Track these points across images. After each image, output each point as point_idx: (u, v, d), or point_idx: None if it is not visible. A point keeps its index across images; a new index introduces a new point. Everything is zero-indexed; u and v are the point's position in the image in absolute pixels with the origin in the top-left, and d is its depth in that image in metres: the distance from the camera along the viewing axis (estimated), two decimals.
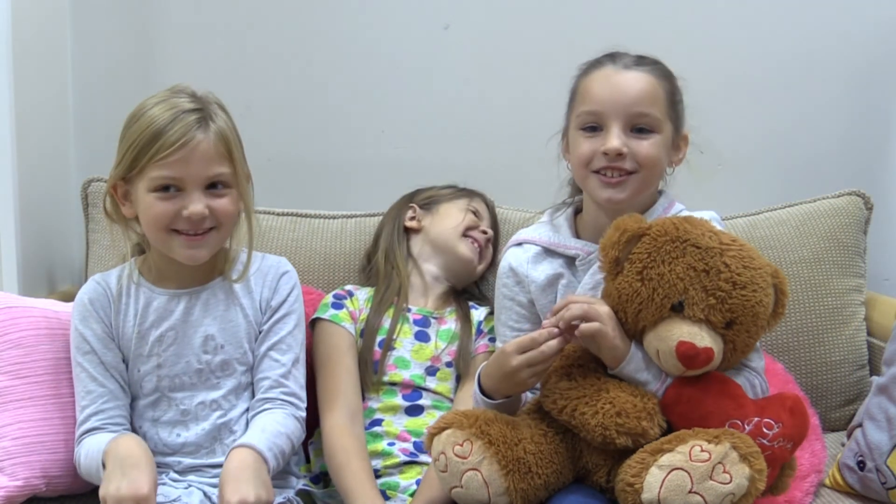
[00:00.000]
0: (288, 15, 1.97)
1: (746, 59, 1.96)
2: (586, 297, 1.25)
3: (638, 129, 1.29)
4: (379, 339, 1.50)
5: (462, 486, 1.17)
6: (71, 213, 1.92)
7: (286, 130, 1.97)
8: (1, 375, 1.38)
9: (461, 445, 1.17)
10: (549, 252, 1.38)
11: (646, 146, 1.28)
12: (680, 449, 1.10)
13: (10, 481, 1.34)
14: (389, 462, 1.42)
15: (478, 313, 1.58)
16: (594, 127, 1.30)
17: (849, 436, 1.52)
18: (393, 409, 1.46)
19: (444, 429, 1.20)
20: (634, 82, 1.29)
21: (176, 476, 1.34)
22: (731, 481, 1.07)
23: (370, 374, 1.47)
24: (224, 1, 1.97)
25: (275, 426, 1.30)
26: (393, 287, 1.57)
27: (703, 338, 1.15)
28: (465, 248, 1.61)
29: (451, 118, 1.99)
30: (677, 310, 1.17)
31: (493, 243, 1.70)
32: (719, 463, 1.08)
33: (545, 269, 1.37)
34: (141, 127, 1.26)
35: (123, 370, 1.36)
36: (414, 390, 1.48)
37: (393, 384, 1.48)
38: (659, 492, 1.09)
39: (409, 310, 1.55)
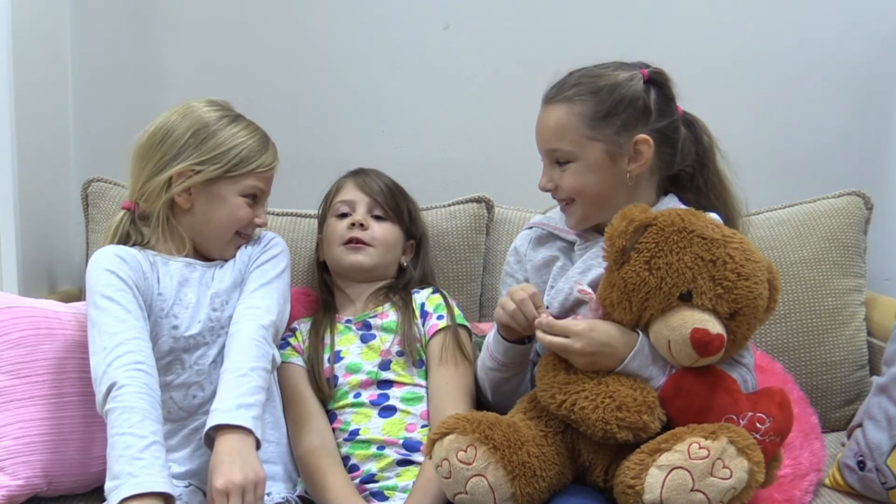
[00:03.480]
0: (288, 15, 1.97)
1: (746, 59, 1.96)
2: (563, 324, 1.23)
3: (558, 161, 1.34)
4: (326, 356, 1.51)
5: (467, 493, 1.16)
6: (71, 213, 1.92)
7: (286, 130, 1.96)
8: (2, 375, 1.38)
9: (465, 451, 1.16)
10: (552, 236, 1.44)
11: (565, 178, 1.33)
12: (678, 447, 1.10)
13: (11, 480, 1.34)
14: (384, 464, 1.41)
15: (419, 296, 1.57)
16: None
17: (849, 436, 1.52)
18: (365, 416, 1.45)
19: (445, 434, 1.18)
20: (546, 120, 1.35)
21: (177, 470, 1.35)
22: (731, 476, 1.08)
23: (326, 390, 1.48)
24: (224, 1, 1.97)
25: (244, 363, 1.28)
26: (323, 311, 1.59)
27: (714, 325, 1.16)
28: (346, 258, 1.57)
29: (451, 118, 1.99)
30: (685, 299, 1.17)
31: (394, 204, 1.62)
32: (718, 459, 1.08)
33: (543, 252, 1.43)
34: (246, 134, 1.42)
35: (147, 317, 1.35)
36: (379, 392, 1.47)
37: (354, 390, 1.48)
38: (661, 492, 1.09)
39: (348, 321, 1.56)
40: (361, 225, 1.57)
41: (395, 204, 1.62)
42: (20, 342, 1.40)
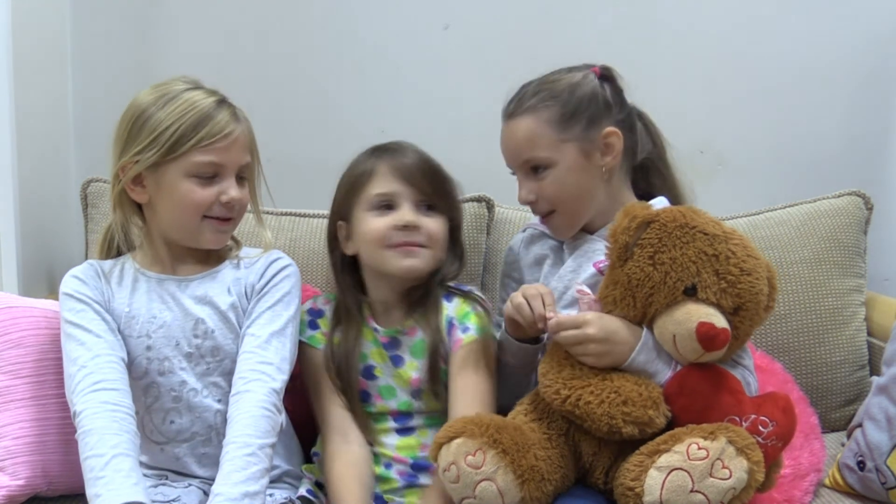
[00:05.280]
0: (288, 15, 1.97)
1: (746, 59, 1.96)
2: (571, 317, 1.22)
3: (535, 169, 1.35)
4: (361, 365, 1.41)
5: (475, 497, 1.14)
6: (71, 213, 1.92)
7: (286, 130, 1.97)
8: (2, 375, 1.39)
9: (473, 455, 1.14)
10: (543, 235, 1.47)
11: (546, 186, 1.34)
12: (677, 448, 1.10)
13: (11, 481, 1.34)
14: (388, 487, 1.37)
15: (451, 307, 1.42)
16: (516, 175, 1.40)
17: (849, 436, 1.52)
18: (384, 432, 1.40)
19: (452, 438, 1.16)
20: (512, 134, 1.37)
21: (175, 476, 1.35)
22: (731, 476, 1.08)
23: (359, 406, 1.38)
24: (224, 1, 1.97)
25: (253, 438, 1.22)
26: (354, 314, 1.43)
27: (719, 319, 1.16)
28: (397, 264, 1.37)
29: (451, 118, 1.99)
30: (689, 293, 1.17)
31: (443, 192, 1.42)
32: (717, 459, 1.08)
33: (535, 251, 1.46)
34: (182, 110, 1.29)
35: (117, 332, 1.32)
36: (404, 415, 1.41)
37: (382, 414, 1.40)
38: (660, 494, 1.08)
39: (376, 330, 1.42)
40: (416, 226, 1.36)
41: (443, 191, 1.42)
42: (20, 342, 1.40)
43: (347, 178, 1.45)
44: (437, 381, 1.38)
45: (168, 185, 1.30)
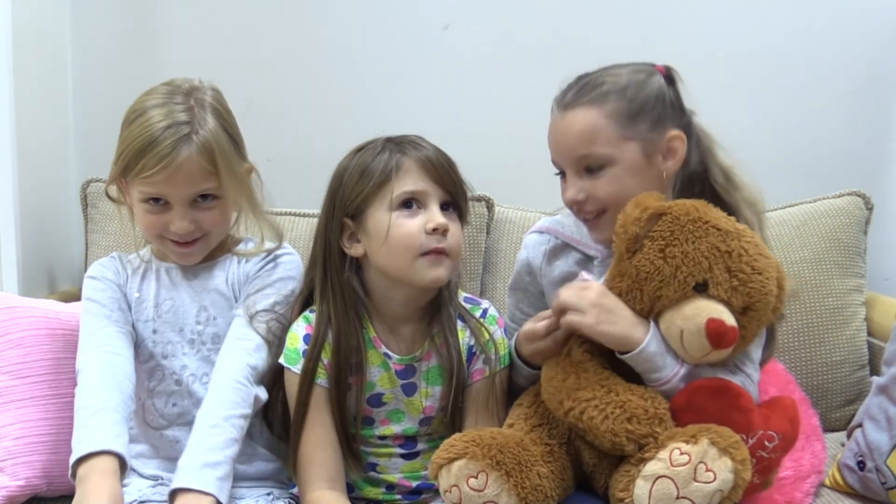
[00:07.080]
0: (288, 15, 1.97)
1: (746, 59, 1.96)
2: (576, 285, 1.20)
3: (590, 168, 1.25)
4: (367, 395, 1.29)
5: None
6: (71, 213, 1.92)
7: (286, 130, 1.97)
8: (2, 375, 1.39)
9: (476, 478, 1.11)
10: (567, 246, 1.37)
11: (601, 185, 1.24)
12: (660, 455, 1.08)
13: (11, 481, 1.34)
14: None
15: (468, 333, 1.31)
16: (562, 173, 1.30)
17: (849, 436, 1.52)
18: (388, 455, 1.33)
19: (454, 459, 1.13)
20: (570, 126, 1.25)
21: (171, 474, 1.34)
22: (715, 479, 1.05)
23: (363, 430, 1.30)
24: (224, 1, 1.97)
25: (219, 410, 1.22)
26: (357, 335, 1.28)
27: (729, 317, 1.13)
28: (428, 275, 1.23)
29: (452, 118, 1.98)
30: (700, 289, 1.14)
31: (463, 193, 1.30)
32: (700, 462, 1.06)
33: (560, 266, 1.36)
34: (135, 132, 1.28)
35: (129, 312, 1.38)
36: (409, 440, 1.33)
37: (384, 437, 1.32)
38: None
39: (388, 356, 1.30)
40: (446, 230, 1.23)
41: (463, 192, 1.30)
42: (20, 342, 1.40)
43: (358, 170, 1.28)
44: (454, 411, 1.29)
45: (131, 200, 1.35)
